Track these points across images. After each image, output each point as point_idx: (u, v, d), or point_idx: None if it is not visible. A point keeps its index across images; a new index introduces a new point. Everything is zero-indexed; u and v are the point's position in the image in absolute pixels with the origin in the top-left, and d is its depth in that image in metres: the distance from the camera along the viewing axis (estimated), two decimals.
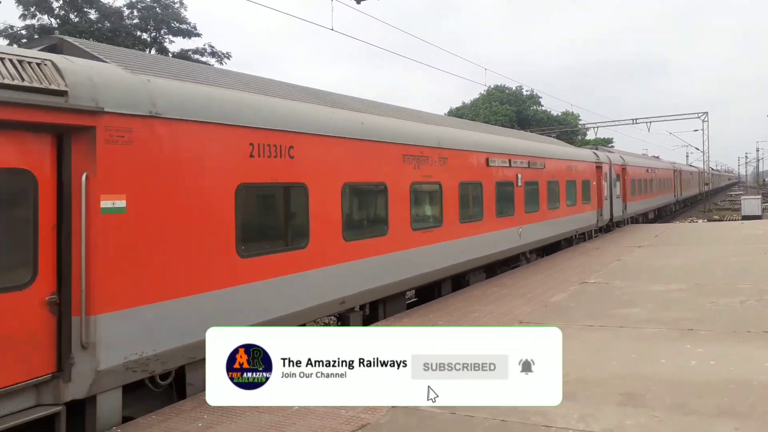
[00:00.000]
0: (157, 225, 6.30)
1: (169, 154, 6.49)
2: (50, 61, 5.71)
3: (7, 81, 5.16)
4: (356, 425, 5.56)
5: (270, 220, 8.36)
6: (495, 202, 14.09)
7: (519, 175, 15.48)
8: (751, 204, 40.69)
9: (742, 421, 5.23)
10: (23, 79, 5.28)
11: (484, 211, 13.59)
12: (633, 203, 29.54)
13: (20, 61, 5.42)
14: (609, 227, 25.42)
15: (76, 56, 6.27)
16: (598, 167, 23.49)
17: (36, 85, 5.36)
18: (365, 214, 10.27)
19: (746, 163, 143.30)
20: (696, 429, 5.17)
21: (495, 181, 14.14)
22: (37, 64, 5.56)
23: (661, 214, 39.58)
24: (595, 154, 24.06)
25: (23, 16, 31.54)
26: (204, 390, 4.18)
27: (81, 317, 5.63)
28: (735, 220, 37.17)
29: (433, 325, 9.44)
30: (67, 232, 5.66)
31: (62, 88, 5.57)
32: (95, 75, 5.98)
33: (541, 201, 17.11)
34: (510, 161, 15.02)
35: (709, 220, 38.89)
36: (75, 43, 6.79)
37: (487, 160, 13.82)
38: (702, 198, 58.39)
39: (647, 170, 34.38)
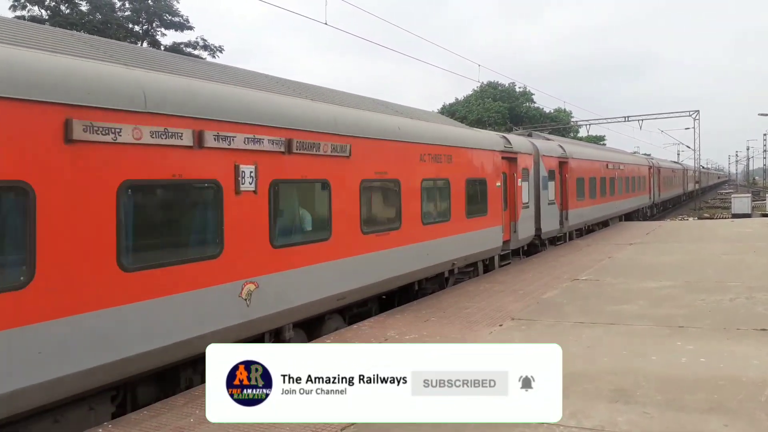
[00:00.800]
0: None
1: None
2: None
3: None
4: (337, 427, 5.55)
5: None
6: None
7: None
8: (741, 202, 41.04)
9: (732, 418, 5.27)
10: None
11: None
12: (580, 210, 21.92)
13: None
14: (534, 246, 18.29)
15: None
16: (510, 159, 15.83)
17: None
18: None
19: (736, 161, 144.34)
20: (686, 425, 5.21)
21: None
22: None
23: (632, 220, 31.60)
24: (504, 138, 16.20)
25: (13, 7, 31.25)
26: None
27: None
28: (725, 218, 37.45)
29: (425, 321, 9.46)
30: None
31: None
32: None
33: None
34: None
35: (699, 218, 39.15)
36: None
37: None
38: (686, 199, 55.69)
39: (606, 165, 26.21)
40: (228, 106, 7.25)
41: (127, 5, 34.80)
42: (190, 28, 36.25)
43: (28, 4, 31.32)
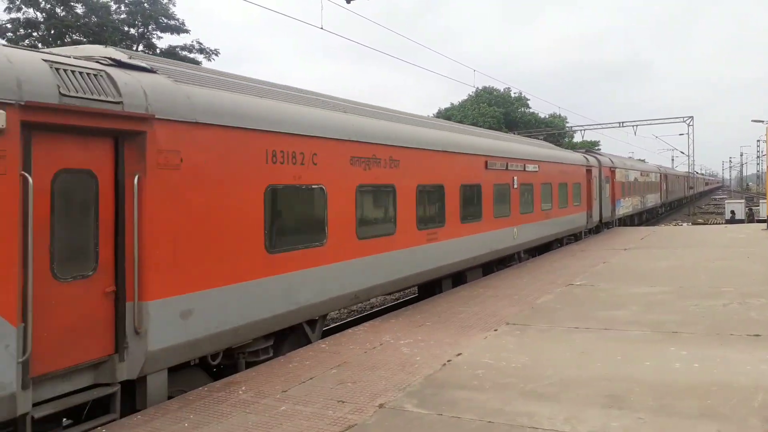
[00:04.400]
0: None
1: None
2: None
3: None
4: (343, 426, 5.56)
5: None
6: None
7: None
8: (734, 208, 41.29)
9: (724, 423, 5.30)
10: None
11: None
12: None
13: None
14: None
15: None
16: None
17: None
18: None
19: (730, 167, 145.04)
20: (679, 431, 5.23)
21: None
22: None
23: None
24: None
25: (8, 9, 31.17)
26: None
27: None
28: (719, 223, 37.62)
29: (420, 326, 9.47)
30: None
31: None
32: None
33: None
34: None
35: (693, 224, 39.32)
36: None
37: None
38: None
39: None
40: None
41: (122, 8, 34.75)
42: (186, 31, 36.23)
43: (23, 6, 31.23)
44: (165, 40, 36.68)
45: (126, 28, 35.03)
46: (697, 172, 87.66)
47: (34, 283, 5.39)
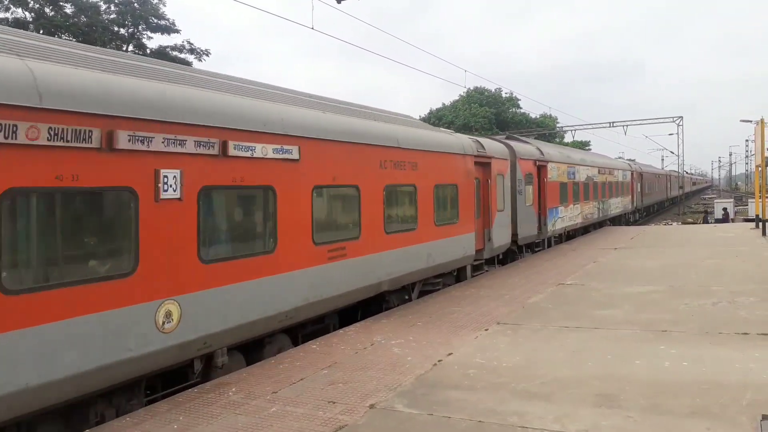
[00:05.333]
0: None
1: None
2: None
3: None
4: (334, 427, 5.53)
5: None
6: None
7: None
8: (723, 208, 41.60)
9: (714, 421, 5.32)
10: None
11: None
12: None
13: None
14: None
15: None
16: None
17: None
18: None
19: (719, 167, 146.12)
20: (669, 429, 5.24)
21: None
22: None
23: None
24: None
25: None
26: None
27: None
28: (708, 222, 37.88)
29: (412, 326, 9.45)
30: None
31: None
32: None
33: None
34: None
35: (683, 223, 39.58)
36: None
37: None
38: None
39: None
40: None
41: (112, 8, 34.53)
42: (177, 31, 36.08)
43: (11, 6, 30.97)
44: (155, 41, 36.52)
45: (116, 28, 34.82)
46: (687, 172, 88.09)
47: None
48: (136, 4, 34.53)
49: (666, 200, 58.14)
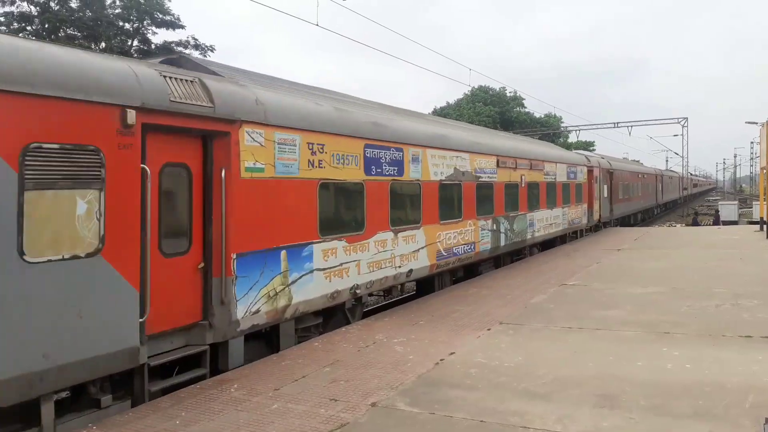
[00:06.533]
0: None
1: None
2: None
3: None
4: (335, 424, 5.54)
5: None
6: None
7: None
8: (728, 209, 41.46)
9: (716, 423, 5.31)
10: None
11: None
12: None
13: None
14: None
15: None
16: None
17: None
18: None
19: (724, 169, 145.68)
20: (671, 431, 5.24)
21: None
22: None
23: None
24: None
25: (1, 3, 30.91)
26: None
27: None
28: (699, 225, 37.84)
29: (414, 325, 9.46)
30: None
31: None
32: None
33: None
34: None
35: (687, 225, 39.47)
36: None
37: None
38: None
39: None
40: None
41: (117, 3, 34.52)
42: (182, 26, 36.01)
43: (17, 0, 31.00)
44: (160, 36, 36.51)
45: (121, 23, 34.81)
46: (692, 173, 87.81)
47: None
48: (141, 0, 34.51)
49: (655, 206, 47.87)
